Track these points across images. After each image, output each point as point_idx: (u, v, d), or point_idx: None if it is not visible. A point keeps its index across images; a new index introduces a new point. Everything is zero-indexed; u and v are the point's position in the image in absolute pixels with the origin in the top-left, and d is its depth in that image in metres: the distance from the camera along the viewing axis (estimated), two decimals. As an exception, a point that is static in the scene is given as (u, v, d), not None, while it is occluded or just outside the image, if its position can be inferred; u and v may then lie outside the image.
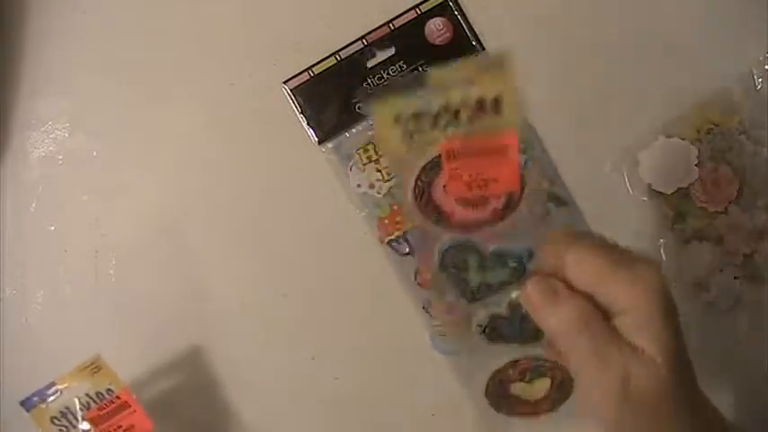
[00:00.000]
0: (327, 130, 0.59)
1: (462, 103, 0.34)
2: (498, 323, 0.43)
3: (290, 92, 0.59)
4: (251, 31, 0.59)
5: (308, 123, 0.59)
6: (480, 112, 0.34)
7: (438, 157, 0.37)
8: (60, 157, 0.59)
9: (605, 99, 0.60)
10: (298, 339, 0.59)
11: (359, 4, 0.58)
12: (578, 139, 0.59)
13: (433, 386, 0.59)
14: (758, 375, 0.59)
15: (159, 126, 0.59)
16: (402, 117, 0.34)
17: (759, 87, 0.59)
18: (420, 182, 0.39)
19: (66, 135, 0.59)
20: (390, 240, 0.58)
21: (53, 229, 0.59)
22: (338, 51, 0.58)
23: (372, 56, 0.59)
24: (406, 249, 0.58)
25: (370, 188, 0.59)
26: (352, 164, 0.59)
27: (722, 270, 0.60)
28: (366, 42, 0.58)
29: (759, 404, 0.59)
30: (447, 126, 0.35)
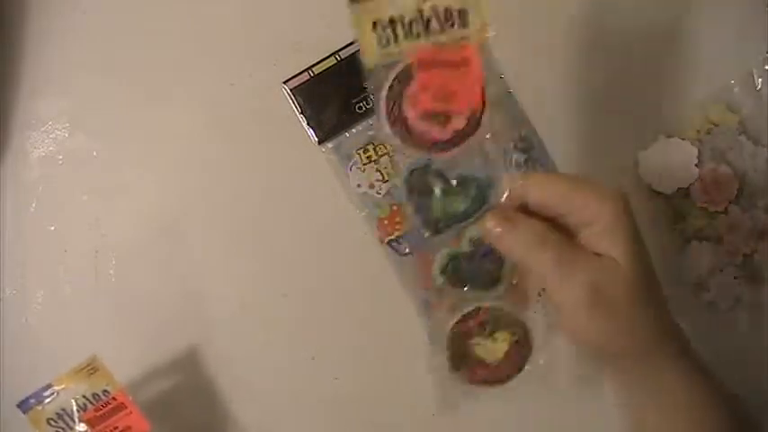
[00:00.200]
0: (327, 130, 0.58)
1: (432, 11, 0.36)
2: (459, 262, 0.44)
3: (290, 92, 0.58)
4: (251, 31, 0.59)
5: (308, 123, 0.58)
6: (448, 22, 0.36)
7: (409, 66, 0.38)
8: (60, 157, 0.58)
9: (605, 99, 0.59)
10: (298, 339, 0.58)
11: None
12: (578, 139, 0.58)
13: (432, 386, 0.57)
14: (758, 375, 0.58)
15: (159, 126, 0.58)
16: (379, 23, 0.37)
17: (759, 87, 0.59)
18: (392, 91, 0.39)
19: (66, 135, 0.59)
20: (390, 240, 0.57)
21: (53, 229, 0.58)
22: (338, 51, 0.57)
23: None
24: (406, 249, 0.57)
25: (370, 188, 0.58)
26: (352, 164, 0.58)
27: (722, 270, 0.59)
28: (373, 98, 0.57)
29: (759, 404, 0.58)
30: (419, 36, 0.37)
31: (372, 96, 0.40)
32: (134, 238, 0.58)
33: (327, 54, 0.57)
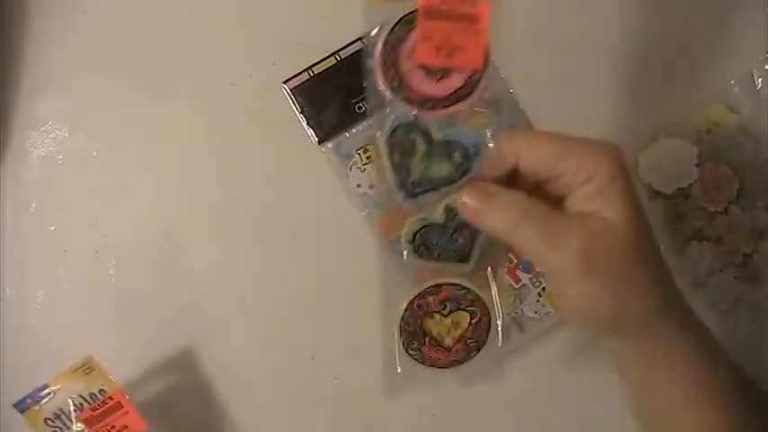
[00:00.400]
0: (327, 130, 0.57)
1: None
2: (430, 232, 0.41)
3: (290, 92, 0.57)
4: (251, 31, 0.58)
5: (307, 123, 0.57)
6: None
7: (414, 12, 0.35)
8: (60, 157, 0.58)
9: (605, 99, 0.58)
10: (297, 339, 0.57)
11: (359, 4, 0.56)
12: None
13: (432, 386, 0.57)
14: (758, 375, 0.57)
15: (159, 126, 0.58)
16: None
17: (759, 87, 0.58)
18: (391, 37, 0.37)
19: (66, 135, 0.58)
20: (390, 240, 0.56)
21: (53, 229, 0.57)
22: (338, 51, 0.57)
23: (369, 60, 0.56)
24: (404, 251, 0.55)
25: (370, 188, 0.57)
26: (352, 164, 0.57)
27: (722, 270, 0.58)
28: (366, 42, 0.56)
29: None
30: None
31: (369, 37, 0.37)
32: (134, 238, 0.57)
33: (327, 54, 0.57)
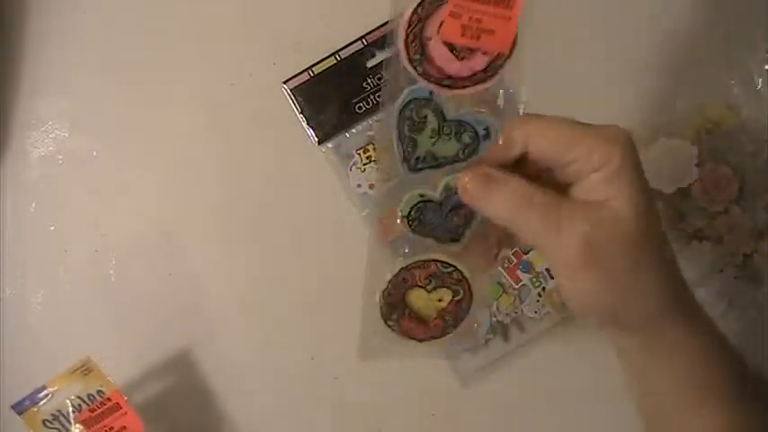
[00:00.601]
0: (327, 130, 0.56)
1: None
2: (426, 208, 0.40)
3: (290, 92, 0.56)
4: (251, 31, 0.57)
5: (308, 123, 0.56)
6: None
7: None
8: (60, 157, 0.57)
9: (605, 99, 0.57)
10: (297, 339, 0.56)
11: (359, 4, 0.55)
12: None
13: (432, 386, 0.57)
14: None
15: (159, 126, 0.57)
16: None
17: (759, 87, 0.57)
18: (420, 9, 0.35)
19: (66, 135, 0.57)
20: (391, 241, 0.55)
21: (53, 229, 0.57)
22: (338, 51, 0.56)
23: (372, 56, 0.56)
24: (407, 249, 0.54)
25: (370, 188, 0.56)
26: (352, 164, 0.56)
27: (722, 270, 0.57)
28: (366, 42, 0.56)
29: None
30: None
31: (397, 7, 0.35)
32: (134, 238, 0.56)
33: (327, 54, 0.56)
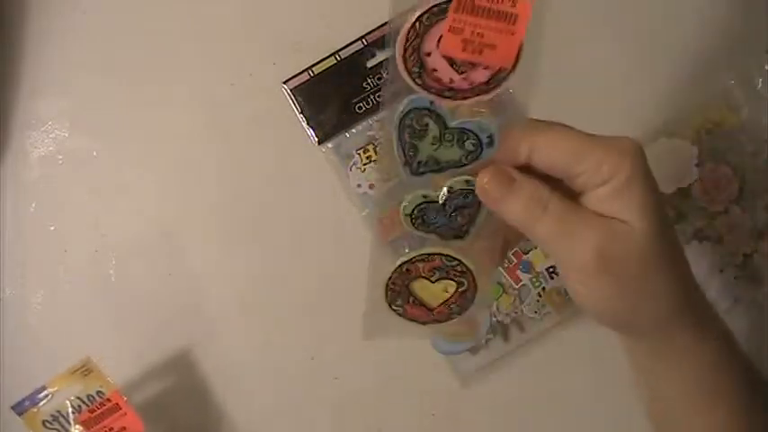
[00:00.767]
0: (327, 130, 0.56)
1: None
2: (429, 209, 0.39)
3: (290, 92, 0.56)
4: (251, 31, 0.57)
5: (308, 123, 0.56)
6: None
7: (449, 2, 0.33)
8: (60, 157, 0.57)
9: (605, 99, 0.57)
10: (297, 339, 0.56)
11: (359, 4, 0.55)
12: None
13: (432, 386, 0.56)
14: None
15: (159, 126, 0.57)
16: None
17: (759, 87, 0.57)
18: (419, 23, 0.34)
19: (66, 135, 0.57)
20: (391, 241, 0.54)
21: (53, 229, 0.56)
22: (338, 51, 0.56)
23: (372, 56, 0.56)
24: (407, 250, 0.54)
25: (370, 188, 0.56)
26: (352, 164, 0.56)
27: (722, 270, 0.57)
28: (366, 42, 0.55)
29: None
30: None
31: (395, 20, 0.33)
32: (134, 238, 0.56)
33: (327, 54, 0.56)
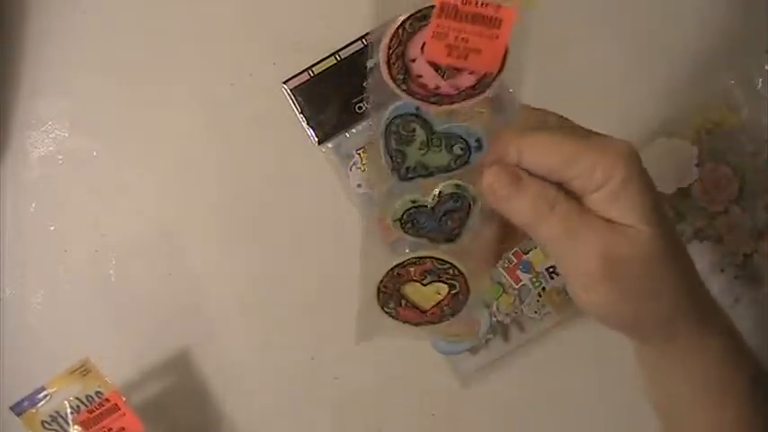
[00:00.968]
0: (327, 130, 0.56)
1: None
2: (419, 213, 0.38)
3: (290, 92, 0.55)
4: (251, 31, 0.57)
5: (308, 123, 0.56)
6: None
7: (431, 8, 0.32)
8: (60, 157, 0.56)
9: (605, 99, 0.56)
10: (297, 339, 0.56)
11: (359, 4, 0.54)
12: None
13: (432, 386, 0.56)
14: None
15: (159, 126, 0.56)
16: None
17: (759, 87, 0.56)
18: (402, 29, 0.33)
19: (66, 135, 0.56)
20: (392, 242, 0.54)
21: (53, 229, 0.56)
22: (338, 51, 0.56)
23: (372, 56, 0.54)
24: (407, 250, 0.53)
25: (371, 188, 0.54)
26: (352, 164, 0.56)
27: (722, 270, 0.56)
28: (366, 42, 0.54)
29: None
30: None
31: (378, 27, 0.33)
32: (134, 238, 0.56)
33: (327, 54, 0.55)
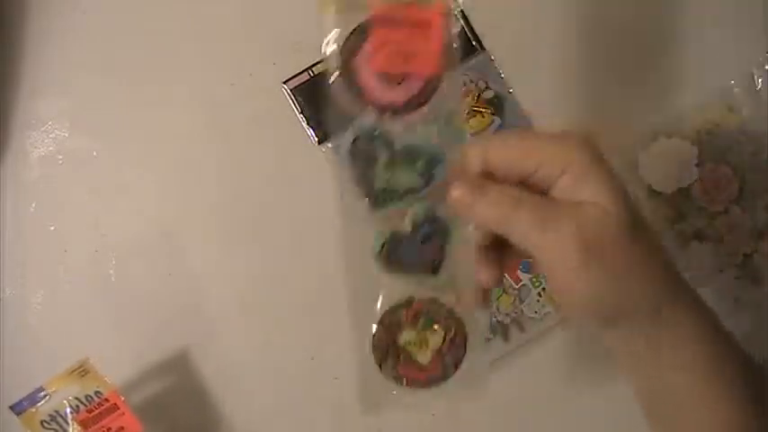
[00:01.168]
0: (327, 130, 0.55)
1: None
2: (398, 243, 0.38)
3: (290, 92, 0.55)
4: (251, 31, 0.57)
5: (308, 123, 0.55)
6: None
7: (367, 22, 0.34)
8: (60, 157, 0.56)
9: (605, 99, 0.56)
10: (297, 339, 0.55)
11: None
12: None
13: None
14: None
15: (159, 126, 0.56)
16: None
17: (759, 87, 0.56)
18: (346, 47, 0.35)
19: (66, 135, 0.56)
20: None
21: (53, 229, 0.56)
22: (338, 51, 0.54)
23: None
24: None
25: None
26: (352, 164, 0.54)
27: (722, 270, 0.56)
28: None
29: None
30: None
31: (324, 48, 0.35)
32: (134, 238, 0.56)
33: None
